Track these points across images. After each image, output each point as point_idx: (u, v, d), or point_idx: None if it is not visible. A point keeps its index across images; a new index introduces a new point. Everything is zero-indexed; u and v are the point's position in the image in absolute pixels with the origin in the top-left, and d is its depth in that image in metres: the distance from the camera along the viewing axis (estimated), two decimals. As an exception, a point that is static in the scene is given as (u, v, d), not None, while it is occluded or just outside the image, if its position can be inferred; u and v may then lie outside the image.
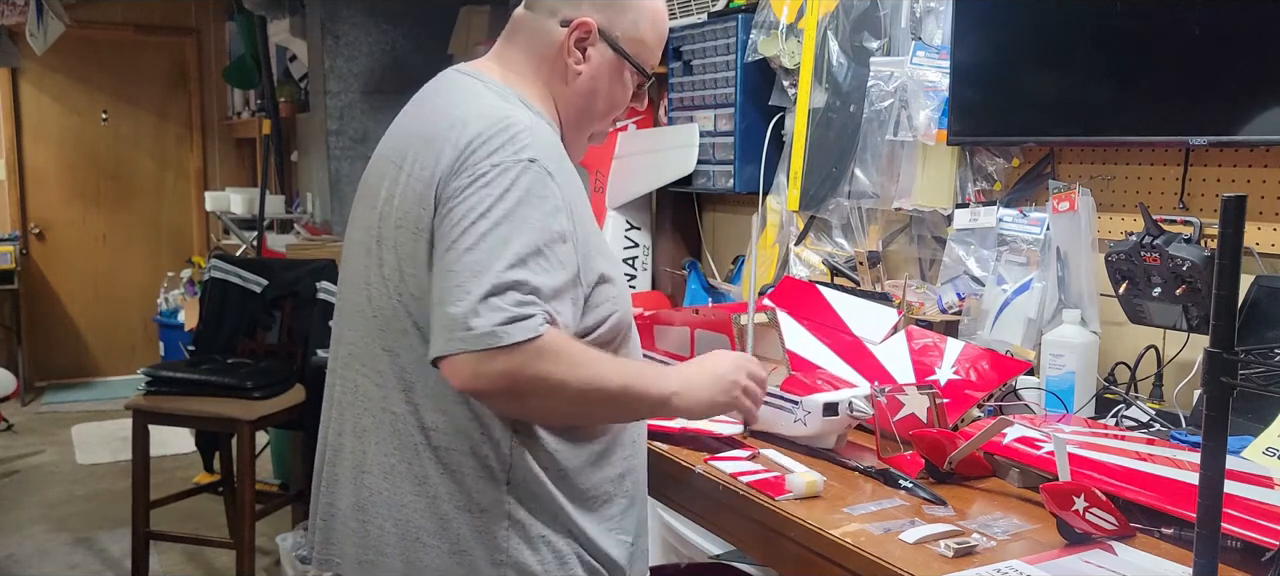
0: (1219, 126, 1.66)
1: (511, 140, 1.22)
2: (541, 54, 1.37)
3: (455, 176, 1.21)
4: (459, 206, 1.19)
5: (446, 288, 1.16)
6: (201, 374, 3.32)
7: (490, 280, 1.14)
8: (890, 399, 1.53)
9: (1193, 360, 1.73)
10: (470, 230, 1.17)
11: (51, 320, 6.51)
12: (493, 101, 1.31)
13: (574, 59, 1.36)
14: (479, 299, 1.13)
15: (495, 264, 1.15)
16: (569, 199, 1.25)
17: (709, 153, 2.83)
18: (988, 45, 2.02)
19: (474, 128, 1.24)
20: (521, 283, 1.15)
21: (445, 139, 1.24)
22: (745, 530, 1.46)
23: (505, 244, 1.16)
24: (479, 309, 1.13)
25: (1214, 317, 0.86)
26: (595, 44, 1.36)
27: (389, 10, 4.58)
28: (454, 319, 1.13)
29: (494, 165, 1.20)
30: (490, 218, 1.17)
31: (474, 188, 1.19)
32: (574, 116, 1.40)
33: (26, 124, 6.38)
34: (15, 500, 4.50)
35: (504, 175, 1.19)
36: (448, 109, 1.30)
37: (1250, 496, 1.19)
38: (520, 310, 1.14)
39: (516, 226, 1.17)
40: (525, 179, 1.20)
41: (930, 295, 2.12)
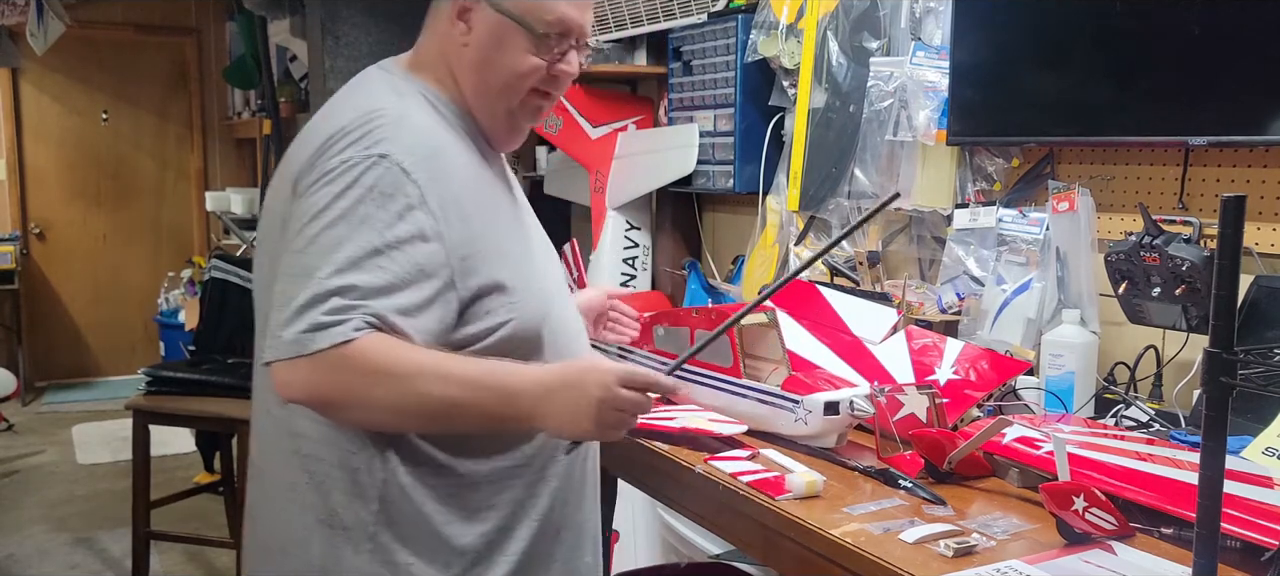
0: (1218, 126, 1.66)
1: (366, 135, 1.16)
2: (442, 34, 1.29)
3: (307, 173, 1.17)
4: (300, 205, 1.16)
5: (278, 293, 1.13)
6: (202, 374, 3.32)
7: (312, 288, 1.09)
8: (890, 399, 1.53)
9: (1192, 360, 1.73)
10: (303, 232, 1.13)
11: (52, 320, 6.51)
12: (373, 95, 1.25)
13: (459, 31, 1.27)
14: (298, 306, 1.09)
15: (321, 268, 1.10)
16: (441, 197, 1.17)
17: (709, 153, 2.83)
18: (987, 45, 2.02)
19: (336, 123, 1.20)
20: (347, 288, 1.09)
21: (312, 135, 1.21)
22: (745, 530, 1.45)
23: (337, 246, 1.11)
24: (293, 317, 1.09)
25: (1213, 318, 0.86)
26: (477, 9, 1.26)
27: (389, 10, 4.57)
28: (273, 326, 1.11)
29: (342, 161, 1.15)
30: (324, 219, 1.12)
31: (318, 186, 1.15)
32: (473, 95, 1.29)
33: (27, 124, 6.38)
34: (15, 500, 4.50)
35: (348, 171, 1.14)
36: (330, 106, 1.28)
37: (1250, 496, 1.19)
38: (331, 317, 1.08)
39: (353, 226, 1.11)
40: (370, 176, 1.13)
41: (930, 295, 2.12)
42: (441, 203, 1.17)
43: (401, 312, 1.12)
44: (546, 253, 1.41)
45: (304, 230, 1.13)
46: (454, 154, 1.24)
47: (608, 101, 3.27)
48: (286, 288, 1.11)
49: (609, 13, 3.00)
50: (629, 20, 2.98)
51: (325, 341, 1.08)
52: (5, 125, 6.28)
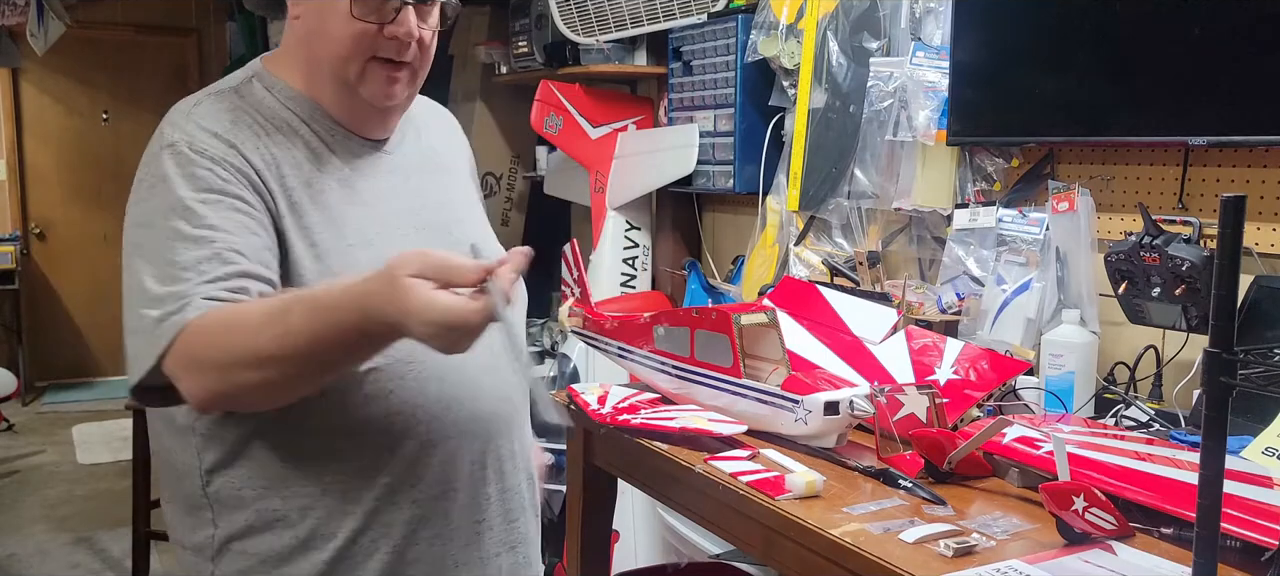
0: (1218, 126, 1.66)
1: (159, 134, 1.18)
2: (289, 20, 1.25)
3: None
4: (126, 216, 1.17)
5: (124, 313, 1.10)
6: (202, 374, 3.32)
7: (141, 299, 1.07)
8: (890, 399, 1.53)
9: (1192, 360, 1.73)
10: (124, 247, 1.13)
11: (52, 320, 6.51)
12: (215, 84, 1.26)
13: (293, 12, 1.21)
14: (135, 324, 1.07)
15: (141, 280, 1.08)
16: (224, 169, 1.12)
17: (709, 153, 2.83)
18: (987, 45, 2.02)
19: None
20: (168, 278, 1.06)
21: None
22: (745, 530, 1.45)
23: (143, 254, 1.10)
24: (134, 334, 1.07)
25: (1213, 318, 0.86)
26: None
27: (389, 10, 4.57)
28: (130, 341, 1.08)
29: (143, 164, 1.18)
30: (132, 227, 1.14)
31: (133, 194, 1.17)
32: (308, 74, 1.22)
33: (27, 124, 6.38)
34: (16, 500, 4.50)
35: (144, 172, 1.16)
36: None
37: (1249, 496, 1.19)
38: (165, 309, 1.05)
39: (155, 228, 1.10)
40: (161, 168, 1.14)
41: (930, 295, 2.12)
42: (231, 172, 1.13)
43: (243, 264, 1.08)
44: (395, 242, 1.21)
45: (126, 237, 1.14)
46: (246, 131, 1.17)
47: (608, 101, 3.27)
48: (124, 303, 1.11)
49: (609, 13, 3.00)
50: (629, 20, 2.98)
51: (171, 331, 1.03)
52: (5, 125, 6.28)
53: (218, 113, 1.17)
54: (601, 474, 1.92)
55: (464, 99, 4.19)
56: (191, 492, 1.17)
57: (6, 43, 5.75)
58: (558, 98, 3.21)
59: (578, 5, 3.01)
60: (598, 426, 1.76)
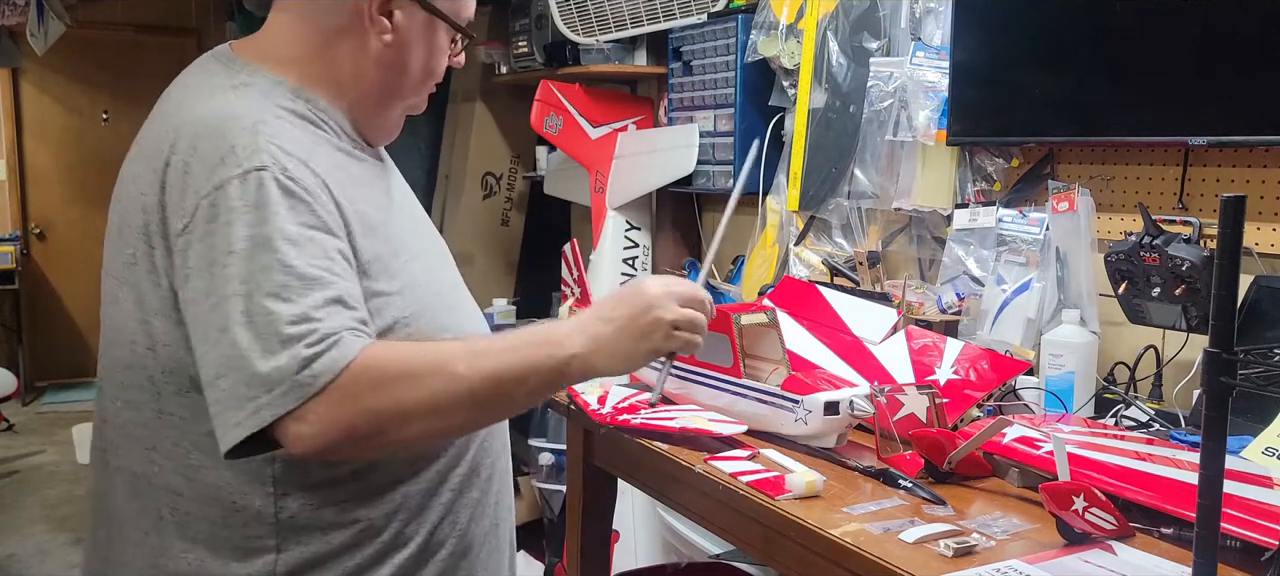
0: (1218, 126, 1.66)
1: (231, 152, 1.02)
2: (329, 24, 1.15)
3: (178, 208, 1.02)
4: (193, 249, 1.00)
5: (224, 356, 0.97)
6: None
7: (272, 329, 0.96)
8: (890, 399, 1.53)
9: (1192, 360, 1.73)
10: (217, 275, 0.98)
11: (52, 320, 6.51)
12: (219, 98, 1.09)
13: (379, 28, 1.15)
14: (264, 354, 0.96)
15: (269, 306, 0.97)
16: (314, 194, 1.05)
17: (709, 153, 2.83)
18: (987, 45, 2.02)
19: (186, 141, 1.04)
20: (305, 316, 0.97)
21: (158, 156, 1.06)
22: (745, 530, 1.45)
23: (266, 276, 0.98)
24: (268, 368, 0.95)
25: (1213, 318, 0.86)
26: (402, 5, 1.16)
27: (389, 10, 4.57)
28: (236, 386, 0.96)
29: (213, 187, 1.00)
30: (238, 253, 0.98)
31: (206, 224, 1.00)
32: (378, 92, 1.19)
33: (27, 124, 6.38)
34: (15, 500, 4.50)
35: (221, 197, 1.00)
36: (172, 112, 1.12)
37: (1249, 496, 1.19)
38: (314, 349, 0.96)
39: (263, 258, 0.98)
40: (253, 194, 1.00)
41: (930, 295, 2.12)
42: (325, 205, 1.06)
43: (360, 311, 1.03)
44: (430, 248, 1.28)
45: (217, 273, 0.98)
46: (321, 154, 1.11)
47: (608, 101, 3.27)
48: (232, 342, 0.96)
49: (609, 13, 3.00)
50: (629, 20, 2.98)
51: (327, 373, 0.96)
52: (5, 125, 6.28)
53: (290, 135, 1.07)
54: (601, 474, 1.92)
55: (464, 99, 4.19)
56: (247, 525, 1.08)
57: (6, 43, 5.75)
58: (558, 98, 3.22)
59: (578, 5, 3.01)
60: (598, 426, 1.76)
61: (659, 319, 1.17)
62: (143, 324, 1.07)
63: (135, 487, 1.11)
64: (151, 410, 1.09)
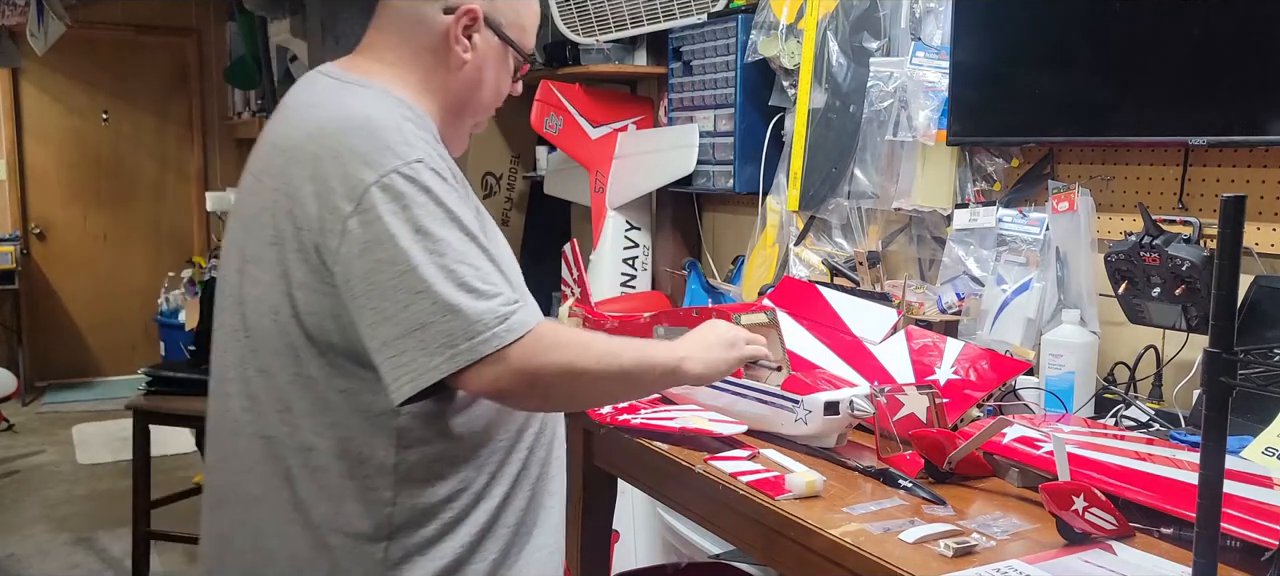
0: (1218, 126, 1.66)
1: (389, 147, 1.16)
2: (419, 42, 1.31)
3: (342, 194, 1.15)
4: (372, 231, 1.13)
5: (421, 312, 1.12)
6: (202, 374, 3.30)
7: (466, 294, 1.13)
8: (890, 399, 1.53)
9: (1192, 360, 1.73)
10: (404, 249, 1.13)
11: (52, 320, 6.51)
12: (351, 103, 1.23)
13: (462, 47, 1.31)
14: (465, 309, 1.12)
15: (462, 275, 1.13)
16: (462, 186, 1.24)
17: (709, 153, 2.83)
18: (987, 45, 2.02)
19: (335, 137, 1.18)
20: (491, 282, 1.15)
21: (303, 151, 1.19)
22: (745, 530, 1.46)
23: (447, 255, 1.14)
24: (466, 321, 1.12)
25: (1213, 318, 0.86)
26: (480, 30, 1.32)
27: (389, 10, 4.58)
28: (449, 333, 1.12)
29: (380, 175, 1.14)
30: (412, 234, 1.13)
31: (381, 207, 1.13)
32: (457, 106, 1.35)
33: (27, 124, 6.38)
34: (15, 500, 4.50)
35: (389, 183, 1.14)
36: (304, 116, 1.25)
37: (1250, 496, 1.19)
38: (507, 308, 1.14)
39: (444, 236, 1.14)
40: (424, 179, 1.16)
41: (930, 295, 2.12)
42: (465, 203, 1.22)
43: None
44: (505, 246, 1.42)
45: (402, 246, 1.13)
46: (441, 155, 1.26)
47: (608, 101, 3.27)
48: (433, 298, 1.12)
49: (609, 13, 3.00)
50: (629, 20, 2.98)
51: (522, 325, 1.14)
52: (5, 125, 6.28)
53: (426, 137, 1.23)
54: (601, 474, 1.92)
55: (464, 99, 4.18)
56: (370, 476, 1.21)
57: (6, 43, 5.75)
58: (558, 98, 3.22)
59: (578, 5, 3.01)
60: (598, 426, 1.77)
61: (737, 334, 1.44)
62: (287, 295, 1.19)
63: (267, 449, 1.23)
64: (289, 373, 1.21)
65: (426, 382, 1.12)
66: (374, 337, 1.14)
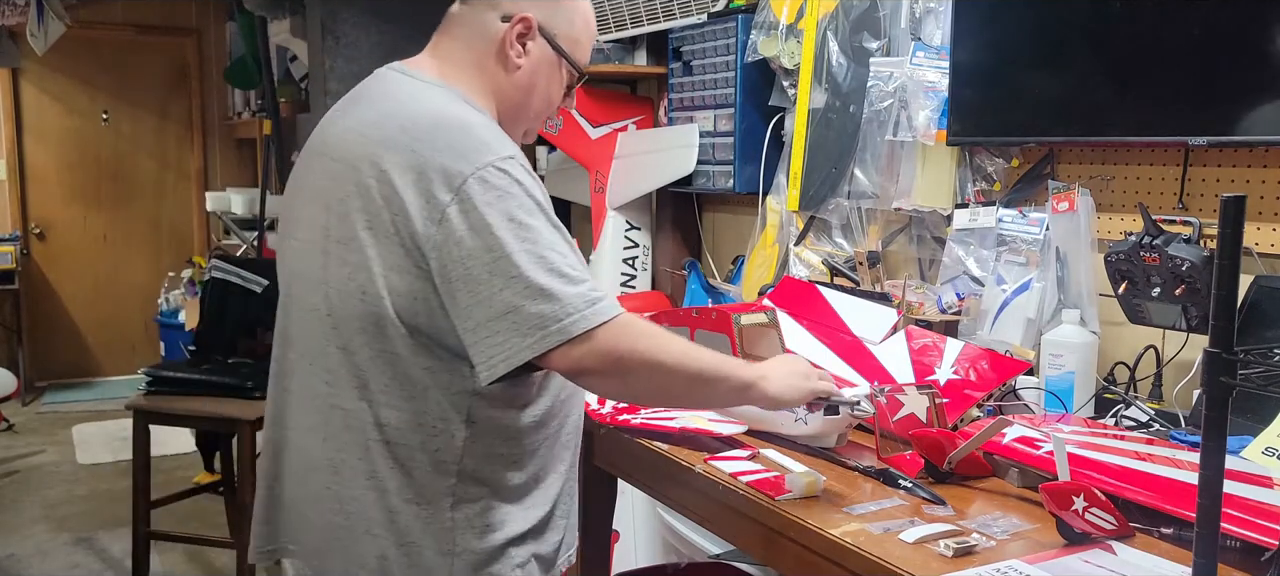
0: (1218, 126, 1.66)
1: (485, 144, 1.25)
2: (481, 48, 1.39)
3: (440, 185, 1.22)
4: (471, 219, 1.20)
5: (516, 295, 1.19)
6: (202, 374, 3.33)
7: (560, 279, 1.20)
8: (890, 399, 1.53)
9: (1192, 360, 1.73)
10: (500, 237, 1.20)
11: (52, 320, 6.51)
12: (438, 101, 1.33)
13: (515, 52, 1.39)
14: (559, 293, 1.20)
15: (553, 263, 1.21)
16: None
17: (709, 153, 2.83)
18: (987, 45, 2.02)
19: (429, 133, 1.26)
20: (580, 270, 1.23)
21: (397, 142, 1.26)
22: (745, 530, 1.46)
23: (543, 243, 1.22)
24: (561, 302, 1.19)
25: (1213, 318, 0.86)
26: (535, 39, 1.39)
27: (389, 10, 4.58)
28: (541, 315, 1.19)
29: (477, 167, 1.22)
30: (503, 220, 1.21)
31: (480, 197, 1.21)
32: (511, 111, 1.42)
33: (27, 124, 6.38)
34: (15, 500, 4.50)
35: (485, 175, 1.22)
36: (391, 108, 1.32)
37: (1250, 496, 1.19)
38: (597, 293, 1.22)
39: (534, 226, 1.22)
40: (515, 174, 1.24)
41: (930, 295, 2.12)
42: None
43: None
44: None
45: (499, 234, 1.20)
46: None
47: (608, 101, 3.27)
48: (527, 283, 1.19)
49: (609, 13, 3.00)
50: (629, 20, 2.98)
51: (610, 311, 1.21)
52: (5, 125, 6.28)
53: (508, 139, 1.32)
54: (601, 474, 1.92)
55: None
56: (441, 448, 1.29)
57: (6, 43, 5.75)
58: (558, 98, 3.21)
59: (578, 5, 3.01)
60: (598, 426, 1.77)
61: (810, 367, 1.49)
62: (379, 277, 1.25)
63: (345, 421, 1.30)
64: (372, 350, 1.27)
65: (519, 361, 1.20)
66: (467, 320, 1.21)
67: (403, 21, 4.67)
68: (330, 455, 1.32)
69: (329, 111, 1.42)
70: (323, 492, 1.33)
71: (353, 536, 1.31)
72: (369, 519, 1.30)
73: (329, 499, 1.33)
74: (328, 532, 1.33)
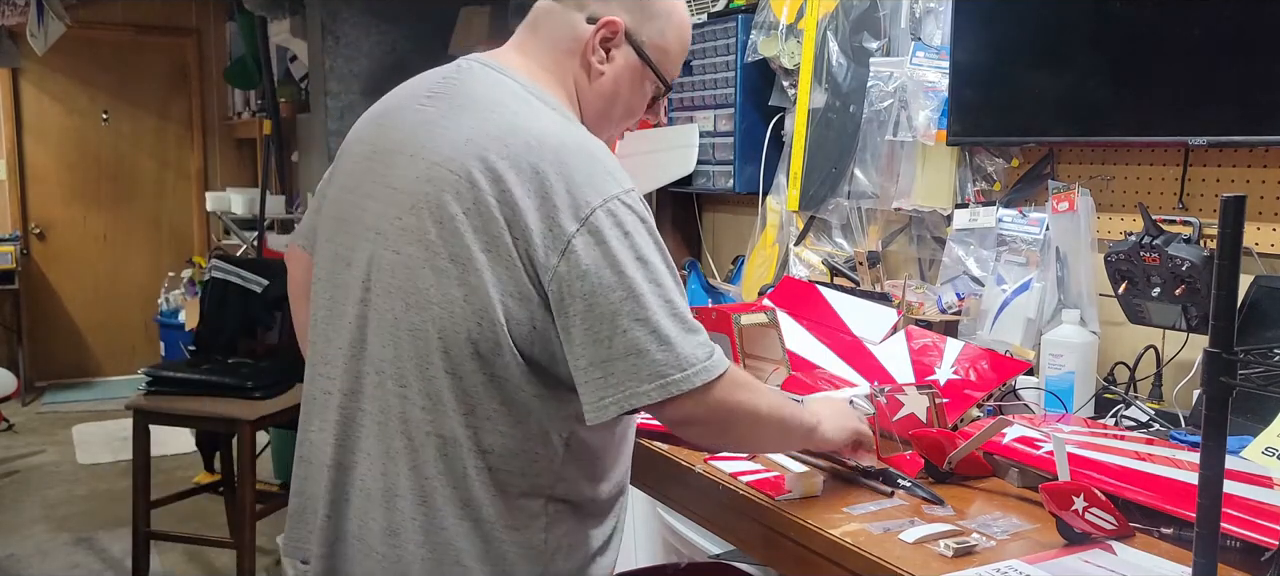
0: (1218, 126, 1.66)
1: (610, 173, 1.20)
2: (565, 48, 1.33)
3: (567, 213, 1.16)
4: (601, 251, 1.15)
5: (639, 338, 1.15)
6: (202, 374, 3.32)
7: (678, 325, 1.17)
8: (890, 398, 1.53)
9: (1192, 360, 1.73)
10: (620, 279, 1.15)
11: (52, 320, 6.51)
12: (554, 118, 1.25)
13: (598, 57, 1.33)
14: (680, 343, 1.16)
15: (673, 306, 1.17)
16: None
17: (709, 153, 2.83)
18: (987, 45, 2.02)
19: (554, 154, 1.19)
20: (695, 319, 1.20)
21: (518, 161, 1.18)
22: (745, 530, 1.46)
23: (662, 286, 1.17)
24: (686, 351, 1.16)
25: (1213, 318, 0.86)
26: (620, 45, 1.33)
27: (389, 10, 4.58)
28: (663, 364, 1.15)
29: (606, 198, 1.17)
30: (632, 258, 1.16)
31: (609, 229, 1.16)
32: (593, 118, 1.36)
33: (27, 124, 6.38)
34: (15, 500, 4.50)
35: (624, 212, 1.18)
36: (504, 120, 1.23)
37: (1250, 496, 1.19)
38: (707, 348, 1.18)
39: (659, 265, 1.19)
40: (639, 209, 1.20)
41: (930, 295, 2.12)
42: None
43: None
44: None
45: (629, 272, 1.16)
46: None
47: (608, 101, 3.27)
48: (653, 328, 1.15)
49: (609, 13, 3.00)
50: (629, 20, 2.98)
51: (722, 366, 1.18)
52: (5, 125, 6.28)
53: None
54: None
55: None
56: (538, 475, 1.26)
57: (6, 43, 5.75)
58: (558, 98, 3.21)
59: (578, 5, 3.01)
60: (598, 426, 1.76)
61: (855, 408, 1.48)
62: (499, 304, 1.18)
63: (443, 449, 1.23)
64: (484, 376, 1.20)
65: (634, 406, 1.15)
66: (582, 356, 1.16)
67: (403, 21, 4.67)
68: (418, 485, 1.23)
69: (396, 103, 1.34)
70: (405, 524, 1.24)
71: (442, 568, 1.23)
72: (459, 549, 1.23)
73: (414, 530, 1.23)
74: (412, 567, 1.24)
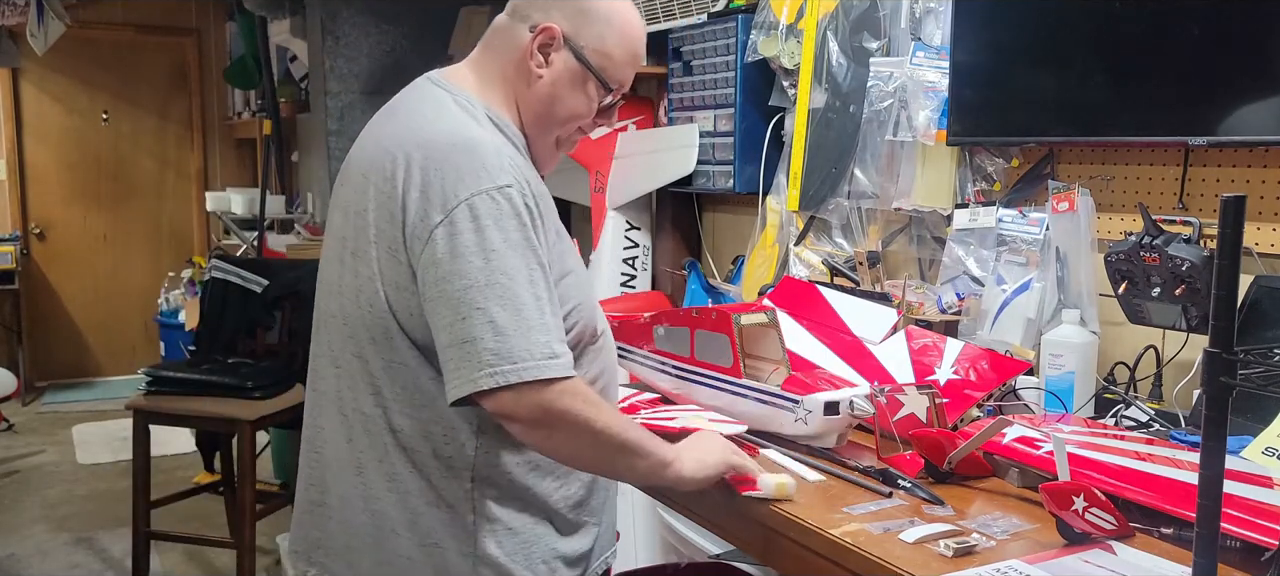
0: (1218, 126, 1.66)
1: (485, 168, 1.24)
2: (508, 58, 1.39)
3: (436, 204, 1.23)
4: (456, 243, 1.21)
5: (477, 327, 1.19)
6: (202, 374, 3.32)
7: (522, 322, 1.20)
8: (890, 398, 1.53)
9: (1192, 360, 1.73)
10: (465, 271, 1.20)
11: (52, 320, 6.51)
12: (459, 119, 1.32)
13: (536, 62, 1.37)
14: (514, 337, 1.19)
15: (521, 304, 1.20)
16: (543, 211, 1.29)
17: (709, 153, 2.83)
18: (987, 45, 2.02)
19: (441, 151, 1.26)
20: (544, 318, 1.22)
21: (411, 159, 1.27)
22: (745, 530, 1.46)
23: (513, 282, 1.21)
24: (519, 347, 1.19)
25: (1213, 318, 0.86)
26: (559, 50, 1.37)
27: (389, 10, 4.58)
28: (494, 353, 1.19)
29: (472, 193, 1.22)
30: (487, 253, 1.21)
31: (466, 222, 1.21)
32: (533, 121, 1.41)
33: (27, 124, 6.38)
34: (15, 500, 4.50)
35: (488, 206, 1.22)
36: (415, 124, 1.32)
37: (1250, 496, 1.19)
38: (557, 349, 1.22)
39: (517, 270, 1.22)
40: (506, 206, 1.23)
41: (930, 295, 2.12)
42: (543, 215, 1.29)
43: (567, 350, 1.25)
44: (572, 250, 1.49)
45: (475, 262, 1.20)
46: (531, 174, 1.33)
47: (608, 101, 3.27)
48: (490, 320, 1.19)
49: (609, 13, 2.99)
50: (629, 20, 2.98)
51: (560, 370, 1.21)
52: (5, 125, 6.28)
53: (518, 162, 1.30)
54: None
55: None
56: (454, 453, 1.31)
57: (6, 43, 5.75)
58: (558, 98, 3.21)
59: (578, 5, 3.01)
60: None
61: (725, 443, 1.45)
62: (383, 291, 1.28)
63: (365, 425, 1.33)
64: (383, 359, 1.30)
65: (469, 392, 1.20)
66: (437, 340, 1.23)
67: (403, 21, 4.67)
68: (355, 456, 1.34)
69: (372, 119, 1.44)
70: (351, 493, 1.35)
71: (381, 535, 1.33)
72: (392, 519, 1.32)
73: (357, 498, 1.34)
74: (360, 532, 1.35)
